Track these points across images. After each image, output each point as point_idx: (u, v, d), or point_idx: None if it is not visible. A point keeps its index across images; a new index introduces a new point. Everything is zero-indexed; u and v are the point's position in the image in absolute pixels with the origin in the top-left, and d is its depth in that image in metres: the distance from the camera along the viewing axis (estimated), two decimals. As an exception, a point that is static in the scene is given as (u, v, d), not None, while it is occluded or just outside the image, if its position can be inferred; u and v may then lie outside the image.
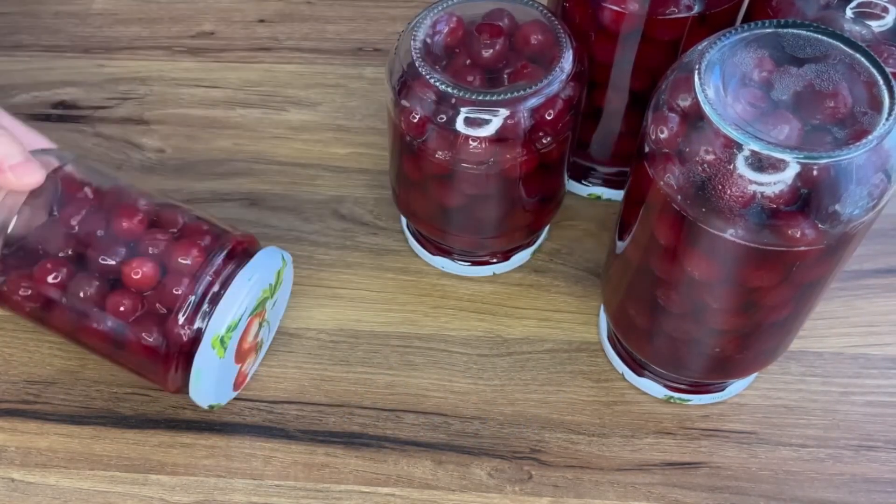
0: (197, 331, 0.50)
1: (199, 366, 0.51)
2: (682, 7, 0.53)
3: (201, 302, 0.50)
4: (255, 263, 0.52)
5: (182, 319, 0.50)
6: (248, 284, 0.51)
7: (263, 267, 0.53)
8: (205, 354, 0.50)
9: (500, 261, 0.63)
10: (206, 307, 0.50)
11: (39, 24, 0.78)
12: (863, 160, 0.41)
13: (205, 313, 0.50)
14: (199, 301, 0.50)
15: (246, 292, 0.51)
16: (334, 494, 0.53)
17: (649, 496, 0.53)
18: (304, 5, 0.80)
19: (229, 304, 0.51)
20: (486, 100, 0.51)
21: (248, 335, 0.53)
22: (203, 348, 0.50)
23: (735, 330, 0.49)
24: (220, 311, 0.50)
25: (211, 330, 0.50)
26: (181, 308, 0.50)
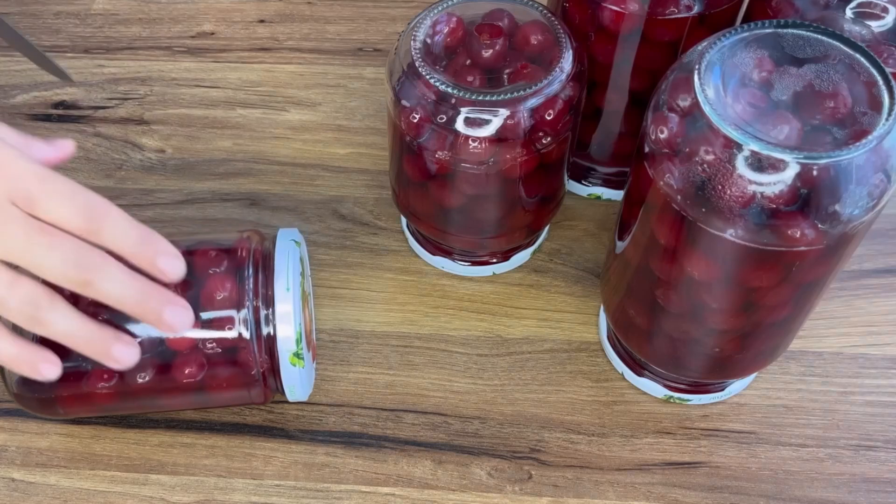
0: (270, 356, 0.50)
1: (291, 383, 0.52)
2: (682, 7, 0.53)
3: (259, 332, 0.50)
4: (280, 265, 0.51)
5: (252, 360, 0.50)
6: (288, 295, 0.50)
7: (290, 260, 0.52)
8: (289, 371, 0.51)
9: (499, 261, 0.63)
10: (265, 330, 0.50)
11: (40, 24, 0.78)
12: (862, 160, 0.41)
13: (269, 338, 0.50)
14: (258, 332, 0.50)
15: (291, 305, 0.50)
16: (334, 494, 0.53)
17: (649, 496, 0.54)
18: (304, 5, 0.80)
19: (285, 322, 0.50)
20: (486, 100, 0.51)
21: (307, 325, 0.54)
22: (285, 369, 0.51)
23: (734, 330, 0.50)
24: (281, 337, 0.50)
25: (283, 353, 0.50)
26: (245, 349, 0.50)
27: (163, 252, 0.45)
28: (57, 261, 0.43)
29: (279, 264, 0.51)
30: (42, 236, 0.43)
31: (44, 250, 0.43)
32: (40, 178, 0.43)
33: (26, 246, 0.43)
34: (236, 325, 0.49)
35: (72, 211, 0.43)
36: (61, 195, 0.43)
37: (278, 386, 0.52)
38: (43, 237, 0.43)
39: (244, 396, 0.53)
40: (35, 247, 0.43)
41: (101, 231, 0.44)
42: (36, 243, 0.43)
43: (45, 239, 0.43)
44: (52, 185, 0.43)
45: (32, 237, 0.43)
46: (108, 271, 0.44)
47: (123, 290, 0.44)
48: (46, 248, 0.43)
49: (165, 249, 0.45)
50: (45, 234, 0.43)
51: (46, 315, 0.45)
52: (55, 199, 0.43)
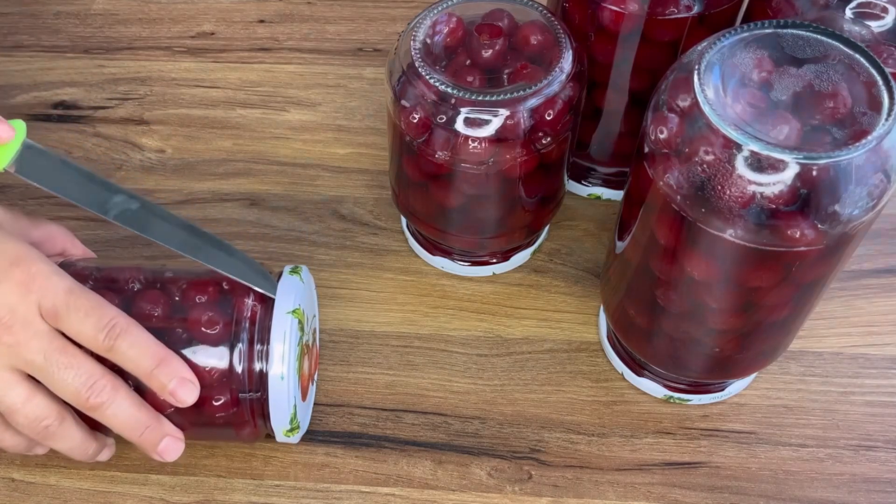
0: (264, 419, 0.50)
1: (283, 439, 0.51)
2: (682, 7, 0.53)
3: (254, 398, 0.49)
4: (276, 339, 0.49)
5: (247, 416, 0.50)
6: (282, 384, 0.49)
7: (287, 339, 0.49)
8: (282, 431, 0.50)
9: (499, 261, 0.63)
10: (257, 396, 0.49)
11: (39, 24, 0.78)
12: (862, 160, 0.41)
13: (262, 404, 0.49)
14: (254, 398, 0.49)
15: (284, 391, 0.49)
16: (334, 494, 0.53)
17: (649, 496, 0.54)
18: (304, 5, 0.80)
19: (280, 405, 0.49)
20: (486, 100, 0.51)
21: (308, 371, 0.53)
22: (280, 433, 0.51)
23: (734, 330, 0.50)
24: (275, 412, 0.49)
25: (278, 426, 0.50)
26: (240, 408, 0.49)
27: (176, 378, 0.47)
28: (70, 384, 0.46)
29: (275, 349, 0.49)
30: (61, 356, 0.46)
31: (60, 371, 0.46)
32: (67, 294, 0.46)
33: (45, 364, 0.46)
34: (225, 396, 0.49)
35: (92, 331, 0.46)
36: (85, 314, 0.46)
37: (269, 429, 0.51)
38: (62, 357, 0.46)
39: (231, 436, 0.52)
40: (53, 366, 0.46)
41: (117, 351, 0.46)
42: (54, 362, 0.46)
43: (63, 359, 0.46)
44: (76, 302, 0.46)
45: (51, 356, 0.46)
46: (116, 402, 0.47)
47: (127, 420, 0.47)
48: (63, 368, 0.46)
49: (179, 374, 0.47)
50: (63, 355, 0.46)
51: (54, 432, 0.47)
52: (78, 318, 0.46)
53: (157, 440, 0.48)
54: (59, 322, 0.46)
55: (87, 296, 0.47)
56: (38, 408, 0.47)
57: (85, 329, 0.46)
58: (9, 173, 0.49)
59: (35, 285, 0.46)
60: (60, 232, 0.53)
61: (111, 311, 0.46)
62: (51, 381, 0.46)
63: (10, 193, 0.66)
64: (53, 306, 0.46)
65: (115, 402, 0.46)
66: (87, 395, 0.46)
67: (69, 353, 0.46)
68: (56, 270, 0.47)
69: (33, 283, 0.46)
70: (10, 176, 0.68)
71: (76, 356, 0.46)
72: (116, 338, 0.46)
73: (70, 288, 0.46)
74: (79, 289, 0.47)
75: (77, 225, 0.64)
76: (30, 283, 0.46)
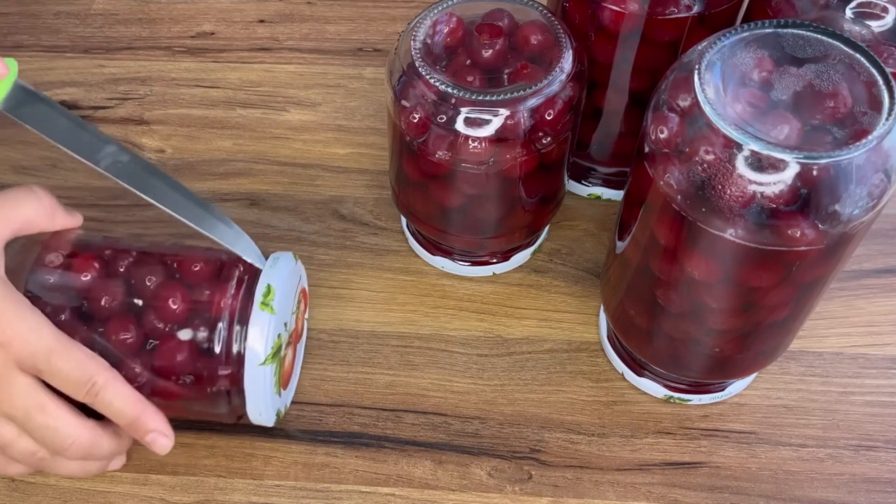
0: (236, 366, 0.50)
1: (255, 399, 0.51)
2: (682, 7, 0.53)
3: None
4: (254, 338, 0.49)
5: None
6: (262, 374, 0.49)
7: (270, 335, 0.49)
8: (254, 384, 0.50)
9: (499, 261, 0.63)
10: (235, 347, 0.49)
11: (40, 24, 0.78)
12: (862, 160, 0.41)
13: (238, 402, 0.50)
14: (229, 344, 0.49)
15: (263, 381, 0.49)
16: (334, 494, 0.53)
17: (649, 496, 0.53)
18: (304, 5, 0.80)
19: (255, 403, 0.50)
20: (486, 100, 0.51)
21: (285, 361, 0.53)
22: (256, 417, 0.51)
23: (735, 330, 0.49)
24: (251, 401, 0.50)
25: (252, 411, 0.51)
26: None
27: (153, 430, 0.48)
28: (50, 441, 0.47)
29: (251, 334, 0.49)
30: (39, 415, 0.46)
31: (40, 430, 0.47)
32: (47, 355, 0.46)
33: (24, 420, 0.47)
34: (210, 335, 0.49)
35: (73, 387, 0.46)
36: (66, 374, 0.46)
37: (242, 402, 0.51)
38: (39, 416, 0.46)
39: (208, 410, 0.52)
40: (32, 423, 0.47)
41: (99, 404, 0.47)
42: (33, 420, 0.46)
43: (41, 419, 0.46)
44: (57, 363, 0.46)
45: (30, 414, 0.46)
46: (98, 449, 0.48)
47: (111, 453, 0.50)
48: (42, 428, 0.47)
49: (156, 427, 0.48)
50: (41, 414, 0.46)
51: (49, 463, 0.49)
52: (60, 377, 0.46)
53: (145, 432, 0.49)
54: (40, 376, 0.46)
55: (68, 355, 0.46)
56: (29, 444, 0.47)
57: (67, 387, 0.46)
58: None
59: (13, 348, 0.45)
60: (40, 212, 0.50)
61: (92, 367, 0.46)
62: (32, 435, 0.47)
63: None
64: (34, 366, 0.46)
65: (98, 449, 0.48)
66: (68, 451, 0.47)
67: (46, 412, 0.46)
68: (34, 327, 0.46)
69: (11, 346, 0.45)
70: (11, 176, 0.69)
71: (53, 413, 0.46)
72: (97, 394, 0.46)
73: (50, 348, 0.46)
74: (59, 346, 0.46)
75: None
76: (7, 345, 0.45)
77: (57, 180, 0.67)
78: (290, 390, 0.55)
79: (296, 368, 0.56)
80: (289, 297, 0.52)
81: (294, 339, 0.54)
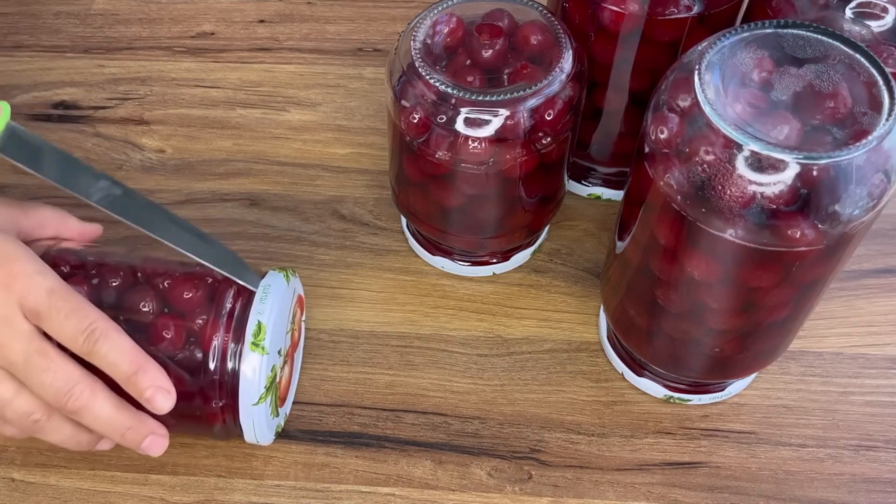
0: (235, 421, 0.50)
1: (249, 422, 0.50)
2: (682, 7, 0.53)
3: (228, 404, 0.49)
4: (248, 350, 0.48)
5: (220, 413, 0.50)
6: (256, 379, 0.48)
7: (270, 351, 0.49)
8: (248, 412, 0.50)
9: (499, 261, 0.63)
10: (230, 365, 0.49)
11: (40, 24, 0.78)
12: (862, 160, 0.41)
13: (233, 404, 0.49)
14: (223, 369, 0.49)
15: (257, 382, 0.49)
16: (334, 494, 0.53)
17: (649, 496, 0.54)
18: (304, 5, 0.80)
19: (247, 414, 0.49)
20: (486, 100, 0.51)
21: (282, 382, 0.53)
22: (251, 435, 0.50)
23: (735, 330, 0.50)
24: (245, 423, 0.50)
25: (247, 432, 0.50)
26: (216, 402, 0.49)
27: (153, 385, 0.47)
28: (48, 388, 0.46)
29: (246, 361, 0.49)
30: (39, 359, 0.46)
31: (39, 374, 0.46)
32: (49, 295, 0.46)
33: (24, 366, 0.46)
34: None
35: (72, 333, 0.46)
36: (65, 316, 0.46)
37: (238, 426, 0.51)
38: (40, 360, 0.46)
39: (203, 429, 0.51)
40: (31, 368, 0.46)
41: (96, 355, 0.46)
42: (33, 365, 0.46)
43: (41, 363, 0.46)
44: (58, 304, 0.46)
45: (30, 358, 0.46)
46: (96, 405, 0.47)
47: (107, 422, 0.47)
48: (41, 371, 0.46)
49: (155, 382, 0.47)
50: (42, 358, 0.46)
51: (43, 426, 0.48)
52: (58, 320, 0.46)
53: (140, 439, 0.48)
54: (40, 322, 0.46)
55: (68, 297, 0.46)
56: (26, 403, 0.47)
57: (65, 331, 0.46)
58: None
59: (17, 285, 0.46)
60: (53, 215, 0.52)
61: (92, 314, 0.46)
62: (30, 383, 0.46)
63: (10, 193, 0.66)
64: (35, 306, 0.46)
65: (95, 405, 0.47)
66: (65, 399, 0.46)
67: (48, 356, 0.46)
68: (40, 269, 0.47)
69: (15, 282, 0.46)
70: (10, 176, 0.69)
71: (55, 359, 0.46)
72: (96, 342, 0.46)
73: (52, 288, 0.46)
74: (61, 289, 0.46)
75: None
76: (11, 283, 0.46)
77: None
78: (288, 401, 0.55)
79: (294, 377, 0.56)
80: (282, 323, 0.51)
81: (291, 350, 0.54)
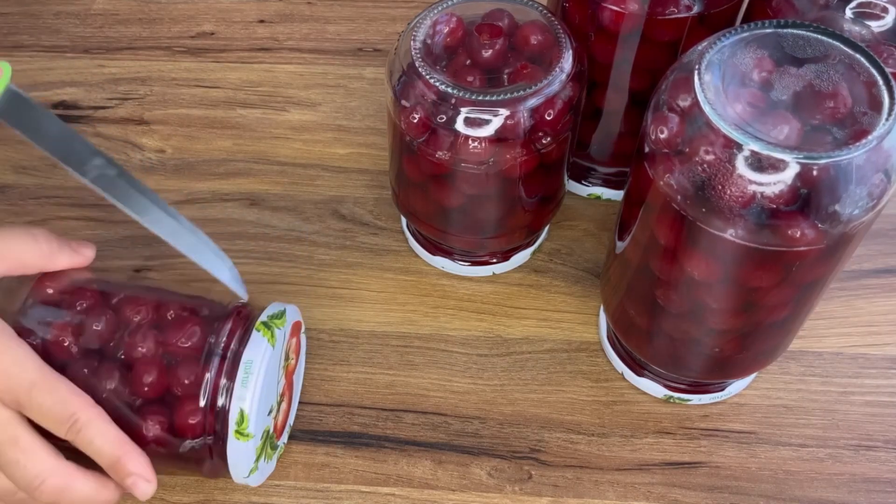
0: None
1: (237, 460, 0.49)
2: (682, 7, 0.53)
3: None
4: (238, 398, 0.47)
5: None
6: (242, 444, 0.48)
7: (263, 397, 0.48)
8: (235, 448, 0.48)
9: (499, 261, 0.63)
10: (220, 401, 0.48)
11: (40, 24, 0.78)
12: (862, 160, 0.41)
13: (221, 447, 0.48)
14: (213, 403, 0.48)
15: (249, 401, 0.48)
16: (334, 494, 0.53)
17: (649, 496, 0.54)
18: (304, 5, 0.80)
19: (238, 462, 0.48)
20: (486, 100, 0.51)
21: (277, 421, 0.52)
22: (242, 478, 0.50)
23: (734, 330, 0.50)
24: (234, 468, 0.49)
25: (237, 476, 0.49)
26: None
27: (134, 473, 0.46)
28: (20, 479, 0.45)
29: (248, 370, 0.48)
30: (10, 449, 0.45)
31: (8, 465, 0.45)
32: (29, 389, 0.45)
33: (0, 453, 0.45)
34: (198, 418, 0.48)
35: (54, 423, 0.45)
36: (47, 410, 0.45)
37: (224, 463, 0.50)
38: (10, 451, 0.45)
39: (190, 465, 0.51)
40: (2, 458, 0.45)
41: (80, 443, 0.46)
42: (2, 454, 0.45)
43: (11, 454, 0.45)
44: (38, 398, 0.45)
45: (1, 448, 0.45)
46: (72, 492, 0.46)
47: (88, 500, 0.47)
48: (11, 463, 0.45)
49: (137, 470, 0.46)
50: (13, 449, 0.45)
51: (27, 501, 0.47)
52: (40, 413, 0.45)
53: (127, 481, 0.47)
54: (21, 410, 0.45)
55: (50, 388, 0.45)
56: (6, 484, 0.46)
57: (47, 422, 0.45)
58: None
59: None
60: (34, 251, 0.49)
61: (75, 403, 0.45)
62: (4, 471, 0.46)
63: (11, 193, 0.66)
64: (15, 400, 0.45)
65: (72, 491, 0.46)
66: (36, 492, 0.45)
67: (18, 447, 0.45)
68: (17, 360, 0.45)
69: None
70: (10, 176, 0.69)
71: (26, 450, 0.45)
72: (78, 432, 0.45)
73: (32, 382, 0.45)
74: (42, 380, 0.45)
75: (78, 225, 0.65)
76: None
77: (57, 180, 0.67)
78: (286, 430, 0.55)
79: (294, 400, 0.56)
80: (271, 388, 0.50)
81: (287, 386, 0.53)
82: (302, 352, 0.56)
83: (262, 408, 0.48)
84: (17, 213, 0.65)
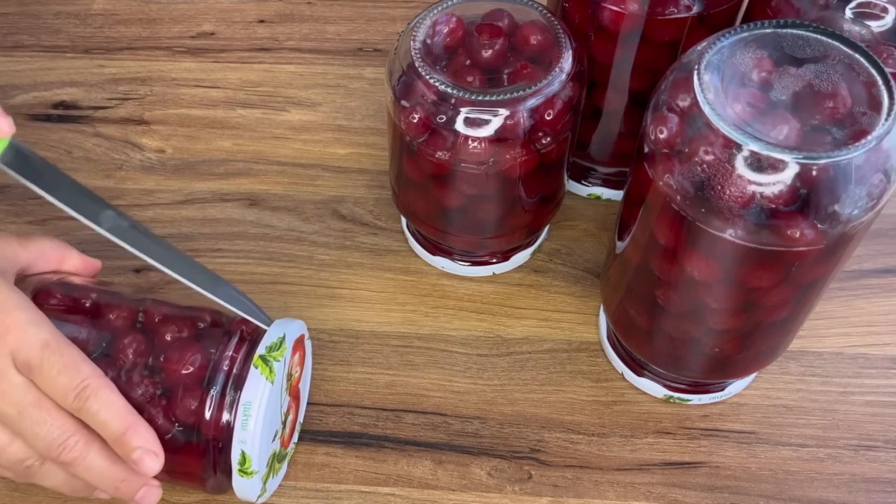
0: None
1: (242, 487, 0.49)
2: (682, 7, 0.54)
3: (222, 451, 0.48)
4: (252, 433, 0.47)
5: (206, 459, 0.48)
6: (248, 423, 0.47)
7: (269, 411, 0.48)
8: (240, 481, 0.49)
9: (499, 261, 0.63)
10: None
11: (40, 24, 0.78)
12: (862, 160, 0.41)
13: (225, 462, 0.48)
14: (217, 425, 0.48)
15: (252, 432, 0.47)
16: (334, 494, 0.53)
17: (649, 496, 0.54)
18: (304, 6, 0.80)
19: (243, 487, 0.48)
20: (486, 100, 0.51)
21: (285, 436, 0.52)
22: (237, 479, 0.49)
23: (734, 330, 0.50)
24: (238, 490, 0.49)
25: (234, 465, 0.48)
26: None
27: (140, 447, 0.46)
28: (42, 439, 0.46)
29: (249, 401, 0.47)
30: (34, 411, 0.45)
31: (33, 426, 0.46)
32: (42, 349, 0.45)
33: (18, 418, 0.46)
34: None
35: (63, 390, 0.45)
36: (58, 372, 0.45)
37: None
38: (35, 412, 0.45)
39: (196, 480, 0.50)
40: (26, 420, 0.46)
41: (86, 413, 0.46)
42: (27, 416, 0.45)
43: (36, 414, 0.45)
44: (50, 358, 0.45)
45: (24, 410, 0.45)
46: (89, 457, 0.46)
47: (101, 474, 0.47)
48: (36, 424, 0.45)
49: (144, 444, 0.46)
50: (37, 410, 0.46)
51: (36, 472, 0.48)
52: (50, 375, 0.45)
53: (133, 491, 0.48)
54: (31, 375, 0.45)
55: (62, 351, 0.46)
56: (20, 451, 0.46)
57: (56, 387, 0.45)
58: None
59: (10, 337, 0.45)
60: (54, 247, 0.52)
61: (85, 371, 0.46)
62: (24, 434, 0.46)
63: (10, 193, 0.66)
64: (27, 360, 0.45)
65: (88, 458, 0.46)
66: (58, 451, 0.46)
67: (43, 408, 0.45)
68: (33, 320, 0.46)
69: (8, 335, 0.45)
70: (11, 176, 0.68)
71: (49, 412, 0.45)
72: (86, 400, 0.45)
73: (45, 342, 0.45)
74: (55, 342, 0.46)
75: (78, 224, 0.64)
76: (4, 334, 0.45)
77: (57, 180, 0.67)
78: (296, 433, 0.55)
79: (301, 408, 0.55)
80: (273, 419, 0.49)
81: (292, 401, 0.53)
82: (307, 357, 0.55)
83: (265, 440, 0.48)
84: (17, 213, 0.65)
